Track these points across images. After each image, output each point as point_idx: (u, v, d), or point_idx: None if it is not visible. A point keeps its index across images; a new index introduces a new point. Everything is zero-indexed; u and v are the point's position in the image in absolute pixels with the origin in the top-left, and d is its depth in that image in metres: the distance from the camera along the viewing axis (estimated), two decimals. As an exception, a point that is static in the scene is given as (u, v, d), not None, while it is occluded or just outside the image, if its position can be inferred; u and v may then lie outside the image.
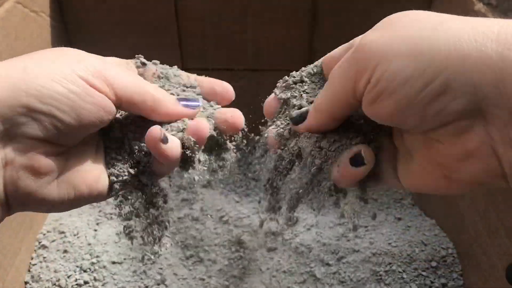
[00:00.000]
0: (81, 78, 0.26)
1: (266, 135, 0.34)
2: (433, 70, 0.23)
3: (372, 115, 0.26)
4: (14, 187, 0.26)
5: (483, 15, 0.54)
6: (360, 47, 0.26)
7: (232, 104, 0.37)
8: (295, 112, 0.32)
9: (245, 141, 0.36)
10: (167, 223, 0.34)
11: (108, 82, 0.28)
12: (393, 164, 0.29)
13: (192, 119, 0.32)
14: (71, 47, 0.29)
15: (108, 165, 0.30)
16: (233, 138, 0.36)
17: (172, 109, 0.31)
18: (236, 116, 0.34)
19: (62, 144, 0.27)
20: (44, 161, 0.26)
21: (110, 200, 0.74)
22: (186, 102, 0.32)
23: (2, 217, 0.26)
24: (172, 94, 0.33)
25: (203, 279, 0.61)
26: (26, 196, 0.26)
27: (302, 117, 0.31)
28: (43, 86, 0.25)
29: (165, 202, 0.34)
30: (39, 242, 0.63)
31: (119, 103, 0.29)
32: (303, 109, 0.31)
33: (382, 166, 0.30)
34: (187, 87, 0.34)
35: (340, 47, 0.32)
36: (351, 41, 0.30)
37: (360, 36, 0.28)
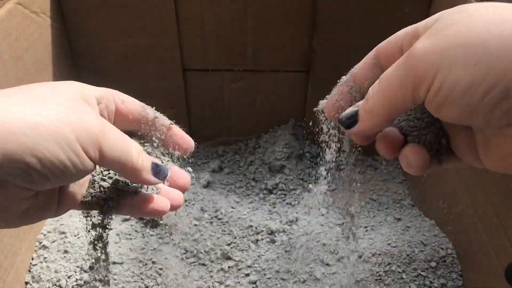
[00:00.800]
0: (82, 148, 0.27)
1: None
2: (492, 78, 0.23)
3: (441, 118, 0.27)
4: None
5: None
6: (415, 55, 0.26)
7: (232, 104, 0.37)
8: (343, 116, 0.32)
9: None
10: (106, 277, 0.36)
11: (100, 150, 0.28)
12: (472, 146, 0.30)
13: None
14: (71, 48, 0.29)
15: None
16: None
17: (144, 179, 0.32)
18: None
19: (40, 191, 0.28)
20: (19, 204, 0.27)
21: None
22: (157, 171, 0.32)
23: None
24: (148, 152, 0.35)
25: (203, 279, 0.61)
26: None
27: (352, 120, 0.31)
28: (48, 149, 0.25)
29: (105, 247, 0.36)
30: (40, 243, 0.63)
31: (100, 163, 0.29)
32: (351, 111, 0.31)
33: (460, 148, 0.31)
34: (164, 153, 0.36)
35: (397, 34, 0.31)
36: (409, 30, 0.29)
37: (416, 42, 0.27)
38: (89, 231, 0.35)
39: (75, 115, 0.27)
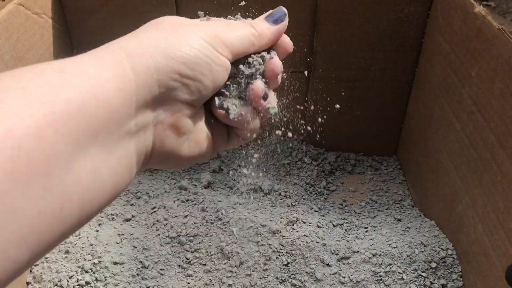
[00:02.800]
0: (209, 44, 0.29)
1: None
2: None
3: None
4: (161, 143, 0.28)
5: (482, 16, 0.54)
6: None
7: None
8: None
9: None
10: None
11: (224, 44, 0.30)
12: None
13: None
14: (72, 48, 0.30)
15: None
16: None
17: (271, 35, 0.34)
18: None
19: (196, 106, 0.30)
20: (186, 122, 0.29)
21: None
22: (274, 18, 0.35)
23: (138, 170, 0.28)
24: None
25: (204, 279, 0.61)
26: (168, 153, 0.29)
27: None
28: (187, 53, 0.27)
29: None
30: (41, 243, 0.63)
31: (232, 60, 0.31)
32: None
33: None
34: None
35: None
36: None
37: None
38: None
39: (193, 26, 0.30)
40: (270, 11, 0.36)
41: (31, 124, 0.19)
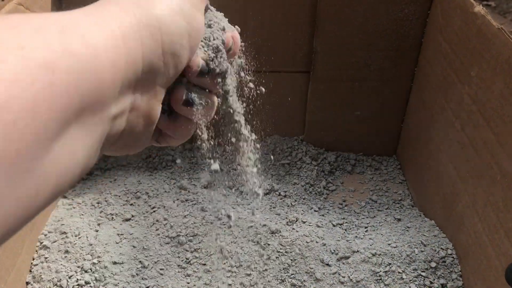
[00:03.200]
0: (198, 12, 0.26)
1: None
2: None
3: None
4: (130, 131, 0.26)
5: (482, 16, 0.54)
6: None
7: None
8: None
9: None
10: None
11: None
12: None
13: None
14: None
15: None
16: None
17: None
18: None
19: (165, 89, 0.27)
20: (158, 109, 0.27)
21: (112, 201, 0.74)
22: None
23: (99, 155, 0.25)
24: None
25: (204, 279, 0.61)
26: (130, 141, 0.27)
27: None
28: (172, 22, 0.24)
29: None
30: (41, 243, 0.63)
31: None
32: None
33: None
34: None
35: None
36: None
37: None
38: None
39: None
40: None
41: (29, 96, 0.17)
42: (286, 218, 0.69)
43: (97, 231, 0.66)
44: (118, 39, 0.22)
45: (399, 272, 0.59)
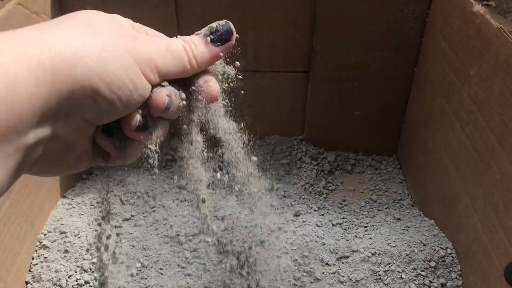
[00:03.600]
0: (141, 72, 0.27)
1: None
2: None
3: None
4: (47, 157, 0.26)
5: (482, 15, 0.54)
6: None
7: (232, 105, 0.37)
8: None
9: None
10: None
11: (157, 70, 0.28)
12: None
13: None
14: None
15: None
16: None
17: (210, 60, 0.30)
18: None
19: (98, 125, 0.27)
20: (83, 142, 0.27)
21: (111, 200, 0.74)
22: (217, 37, 0.30)
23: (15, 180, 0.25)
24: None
25: (203, 279, 0.61)
26: (48, 167, 0.27)
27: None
28: (114, 74, 0.25)
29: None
30: (40, 242, 0.63)
31: (159, 81, 0.28)
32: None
33: None
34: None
35: None
36: None
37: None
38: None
39: (129, 39, 0.27)
40: (214, 24, 0.31)
41: None
42: (286, 218, 0.69)
43: (96, 230, 0.66)
44: (46, 71, 0.22)
45: (398, 272, 0.59)
